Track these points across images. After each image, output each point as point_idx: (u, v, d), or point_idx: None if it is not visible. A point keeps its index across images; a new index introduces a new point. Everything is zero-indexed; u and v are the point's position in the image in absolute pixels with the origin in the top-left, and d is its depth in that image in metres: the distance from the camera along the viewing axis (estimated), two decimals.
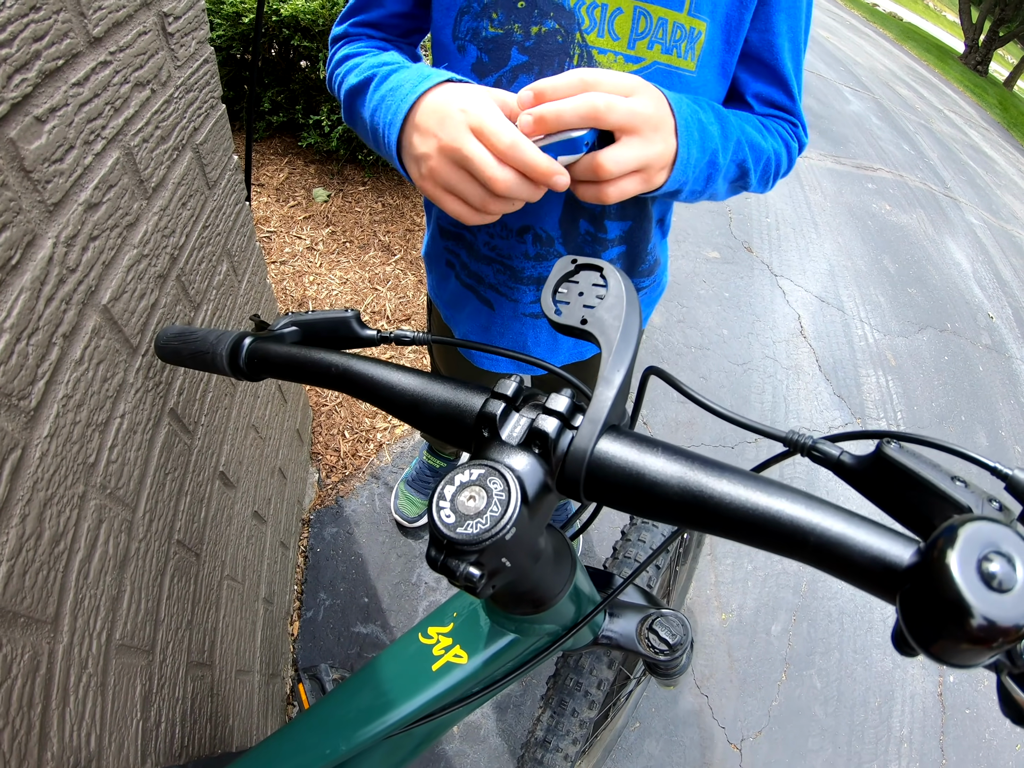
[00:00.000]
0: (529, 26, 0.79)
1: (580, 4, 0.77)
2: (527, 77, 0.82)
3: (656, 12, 0.77)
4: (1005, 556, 0.28)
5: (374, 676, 0.67)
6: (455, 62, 0.85)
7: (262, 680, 1.43)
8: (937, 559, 0.29)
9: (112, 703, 0.76)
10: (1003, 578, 0.27)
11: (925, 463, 0.38)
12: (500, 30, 0.80)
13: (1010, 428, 3.42)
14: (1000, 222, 6.15)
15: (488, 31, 0.80)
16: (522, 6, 0.78)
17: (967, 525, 0.29)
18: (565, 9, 0.77)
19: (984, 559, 0.28)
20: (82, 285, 0.67)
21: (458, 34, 0.82)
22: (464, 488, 0.38)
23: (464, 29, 0.82)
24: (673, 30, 0.78)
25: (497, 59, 0.82)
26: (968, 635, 0.27)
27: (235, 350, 0.60)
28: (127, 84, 0.75)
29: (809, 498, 0.36)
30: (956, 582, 0.27)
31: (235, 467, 1.22)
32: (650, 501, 0.38)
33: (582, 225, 0.93)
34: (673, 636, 0.76)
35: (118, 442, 0.77)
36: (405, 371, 0.51)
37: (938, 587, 0.28)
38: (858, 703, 2.05)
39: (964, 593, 0.27)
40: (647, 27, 0.78)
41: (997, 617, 0.27)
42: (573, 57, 0.80)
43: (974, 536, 0.29)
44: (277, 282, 2.43)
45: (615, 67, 0.80)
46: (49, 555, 0.64)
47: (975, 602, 0.27)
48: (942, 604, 0.28)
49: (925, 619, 0.29)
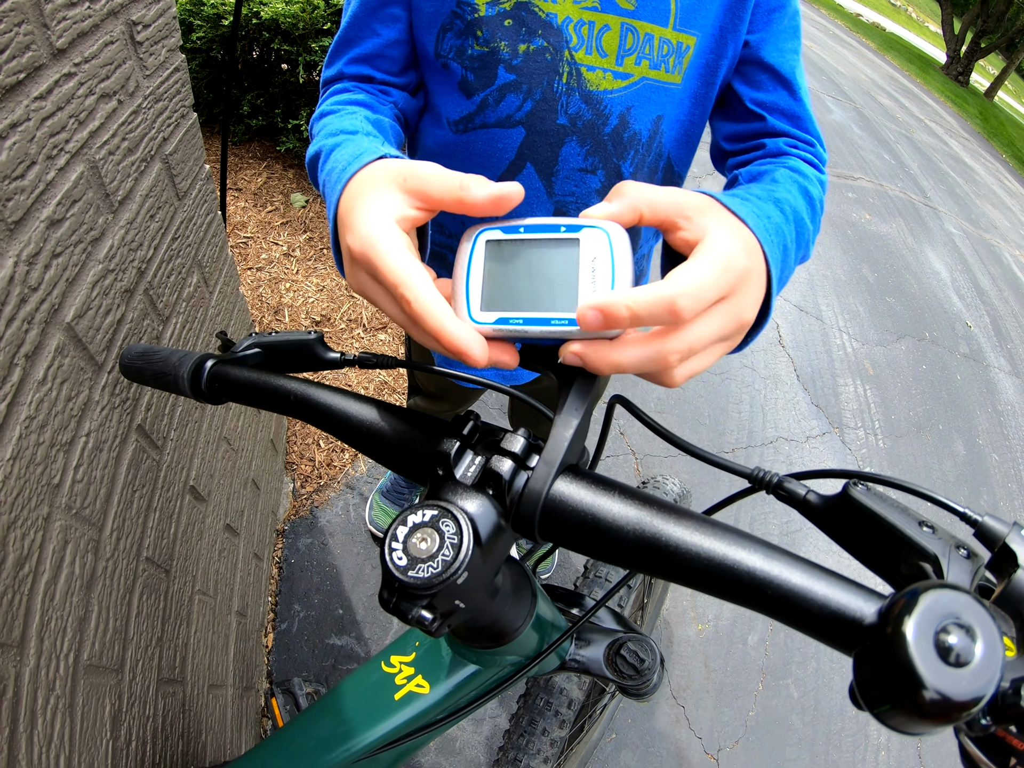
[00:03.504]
0: (516, 44, 0.78)
1: (568, 22, 0.76)
2: (515, 96, 0.81)
3: (643, 28, 0.77)
4: (965, 628, 0.27)
5: (336, 704, 0.66)
6: (441, 80, 0.85)
7: (236, 694, 1.41)
8: (894, 625, 0.28)
9: (81, 724, 0.74)
10: (960, 651, 0.26)
11: (892, 507, 0.38)
12: (486, 48, 0.79)
13: (987, 436, 3.45)
14: (979, 231, 6.23)
15: (473, 49, 0.79)
16: (509, 24, 0.77)
17: (929, 592, 0.28)
18: (553, 27, 0.76)
19: (942, 630, 0.27)
20: (45, 304, 0.66)
21: (440, 51, 0.81)
22: (416, 529, 0.38)
23: (447, 46, 0.81)
24: (660, 45, 0.78)
25: (483, 77, 0.81)
26: (919, 709, 0.26)
27: (197, 373, 0.59)
28: (92, 96, 0.73)
29: (769, 548, 0.35)
30: (910, 653, 0.27)
31: (206, 481, 1.21)
32: (605, 545, 0.38)
33: None
34: (641, 661, 0.76)
35: (84, 461, 0.76)
36: (364, 401, 0.50)
37: (892, 654, 0.28)
38: (835, 712, 2.06)
39: (917, 665, 0.26)
40: (634, 43, 0.78)
41: (951, 692, 0.26)
42: (562, 75, 0.79)
43: (934, 605, 0.28)
44: (253, 289, 2.41)
45: (604, 84, 0.80)
46: (14, 579, 0.63)
47: (928, 676, 0.26)
48: (895, 672, 0.27)
49: (877, 684, 0.29)
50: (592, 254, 0.43)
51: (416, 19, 0.81)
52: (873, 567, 0.39)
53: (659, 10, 0.76)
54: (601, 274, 0.42)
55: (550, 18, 0.76)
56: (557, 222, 0.45)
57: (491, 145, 0.86)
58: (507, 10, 0.76)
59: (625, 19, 0.76)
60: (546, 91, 0.81)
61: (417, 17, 0.81)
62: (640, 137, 0.86)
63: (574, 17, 0.76)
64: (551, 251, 0.44)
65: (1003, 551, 0.36)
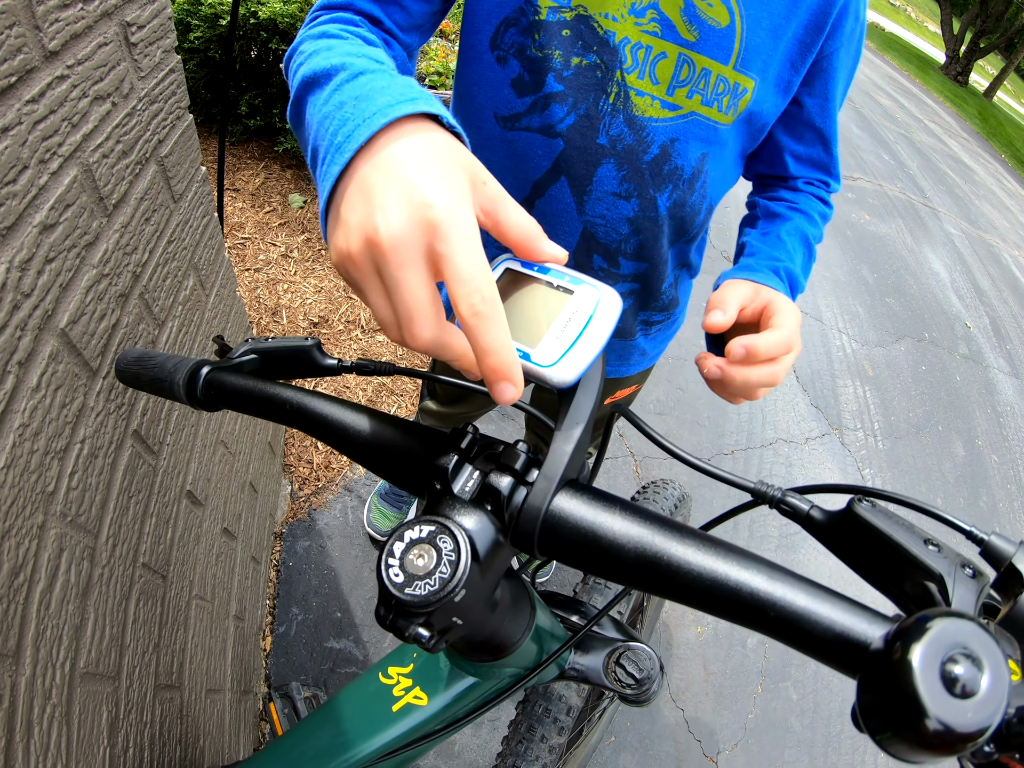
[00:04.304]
0: (570, 56, 0.76)
1: (625, 43, 0.74)
2: (559, 107, 0.80)
3: (700, 62, 0.75)
4: (972, 658, 0.27)
5: (334, 715, 0.66)
6: (491, 72, 0.82)
7: (233, 698, 1.40)
8: (900, 652, 0.28)
9: (78, 732, 0.74)
10: (966, 682, 0.26)
11: (897, 524, 0.37)
12: (540, 53, 0.77)
13: (986, 437, 3.45)
14: (978, 232, 6.23)
15: (532, 50, 0.77)
16: (566, 34, 0.75)
17: (937, 621, 0.28)
18: (609, 45, 0.75)
19: (949, 660, 0.26)
20: (38, 310, 0.65)
21: (500, 43, 0.79)
22: (413, 546, 0.37)
23: (509, 41, 0.78)
24: (716, 82, 0.77)
25: (535, 82, 0.79)
26: (922, 739, 0.26)
27: (192, 379, 0.58)
28: (86, 98, 0.72)
29: (772, 568, 0.35)
30: (915, 682, 0.26)
31: (203, 485, 1.20)
32: (605, 562, 0.37)
33: (596, 260, 0.92)
34: (640, 671, 0.75)
35: (79, 468, 0.75)
36: (361, 411, 0.49)
37: (897, 682, 0.27)
38: (834, 714, 2.05)
39: (922, 695, 0.26)
40: (689, 76, 0.76)
41: (955, 724, 0.25)
42: (609, 95, 0.78)
43: (942, 634, 0.27)
44: (251, 290, 2.40)
45: (650, 111, 0.78)
46: (8, 588, 0.62)
47: (932, 706, 0.26)
48: (899, 700, 0.27)
49: (880, 710, 0.28)
50: (575, 308, 0.42)
51: (477, 5, 0.78)
52: (877, 585, 0.39)
53: (721, 47, 0.74)
54: (572, 328, 0.41)
55: (608, 36, 0.74)
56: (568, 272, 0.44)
57: (531, 149, 0.85)
58: (567, 20, 0.75)
59: (684, 49, 0.74)
60: (591, 108, 0.79)
61: (479, 3, 0.78)
62: (682, 172, 0.85)
63: (632, 39, 0.74)
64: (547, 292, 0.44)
65: (1009, 571, 0.35)
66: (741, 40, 0.74)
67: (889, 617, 0.32)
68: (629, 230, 0.89)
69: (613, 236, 0.89)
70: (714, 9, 0.72)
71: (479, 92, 0.85)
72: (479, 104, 0.86)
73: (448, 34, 2.93)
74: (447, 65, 2.58)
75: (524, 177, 0.87)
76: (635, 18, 0.73)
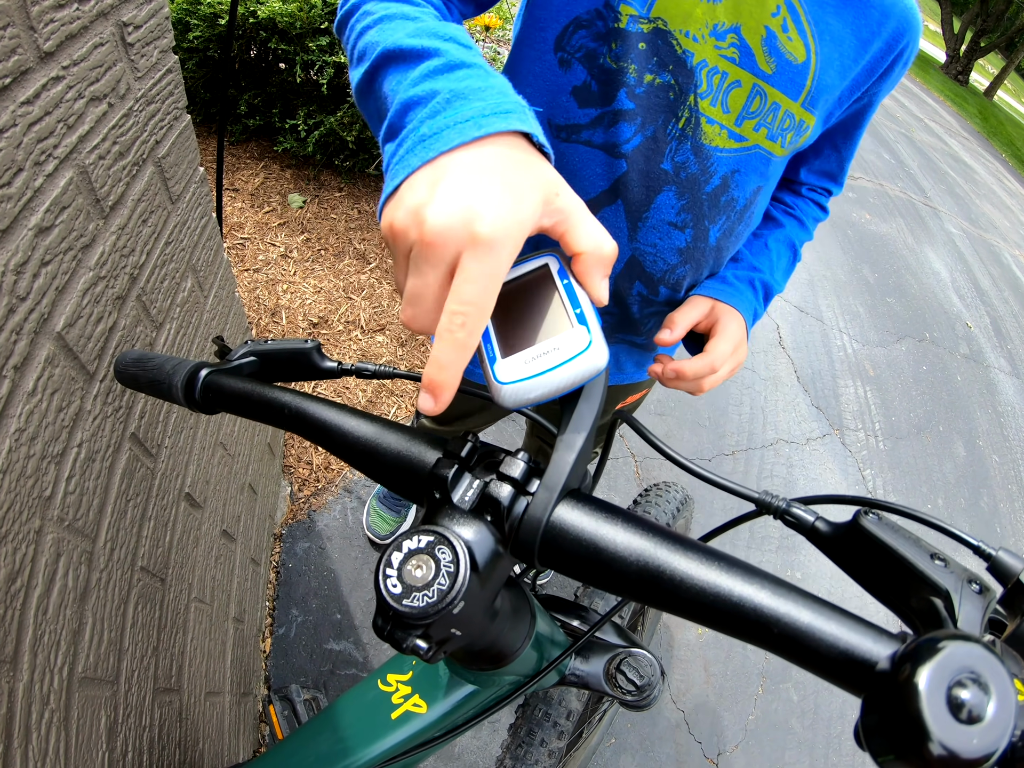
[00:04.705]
0: (644, 72, 0.72)
1: (703, 66, 0.71)
2: (628, 126, 0.75)
3: (772, 95, 0.73)
4: (979, 683, 0.26)
5: (333, 722, 0.65)
6: (549, 75, 0.76)
7: (233, 700, 1.40)
8: (906, 675, 0.27)
9: (76, 737, 0.74)
10: (973, 707, 0.26)
11: (904, 538, 0.37)
12: (614, 64, 0.72)
13: (987, 438, 3.45)
14: (979, 231, 6.23)
15: (605, 60, 0.72)
16: (643, 48, 0.70)
17: (946, 644, 0.27)
18: (686, 67, 0.71)
19: (956, 684, 0.26)
20: (33, 313, 0.65)
21: (567, 45, 0.73)
22: (412, 556, 0.36)
23: (577, 43, 0.73)
24: (784, 117, 0.75)
25: (604, 95, 0.74)
26: (925, 764, 0.25)
27: (191, 382, 0.58)
28: (82, 99, 0.72)
29: (777, 584, 0.34)
30: (921, 706, 0.26)
31: (202, 487, 1.20)
32: (607, 575, 0.37)
33: (636, 286, 0.90)
34: (641, 677, 0.75)
35: (76, 472, 0.75)
36: (361, 417, 0.49)
37: (902, 705, 0.27)
38: (835, 716, 2.05)
39: (927, 720, 0.25)
40: (759, 108, 0.74)
41: (960, 750, 0.25)
42: (680, 119, 0.74)
43: (950, 658, 0.27)
44: (250, 291, 2.40)
45: (717, 140, 0.76)
46: (5, 593, 0.62)
47: (937, 731, 0.25)
48: (903, 723, 0.26)
49: (884, 732, 0.28)
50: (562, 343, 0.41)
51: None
52: (882, 599, 0.39)
53: (795, 82, 0.73)
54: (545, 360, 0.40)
55: (686, 56, 0.70)
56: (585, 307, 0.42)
57: (589, 166, 0.80)
58: (644, 32, 0.70)
59: (759, 80, 0.72)
60: (658, 130, 0.75)
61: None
62: (736, 204, 0.83)
63: (710, 62, 0.71)
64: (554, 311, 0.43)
65: (1017, 587, 0.35)
66: (813, 78, 0.73)
67: (894, 635, 0.32)
68: (677, 260, 0.87)
69: (660, 266, 0.87)
70: (793, 44, 0.70)
71: (532, 93, 0.79)
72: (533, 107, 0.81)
73: None
74: None
75: None
76: (715, 40, 0.70)
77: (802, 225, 0.99)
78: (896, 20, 0.73)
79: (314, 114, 2.65)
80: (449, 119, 0.42)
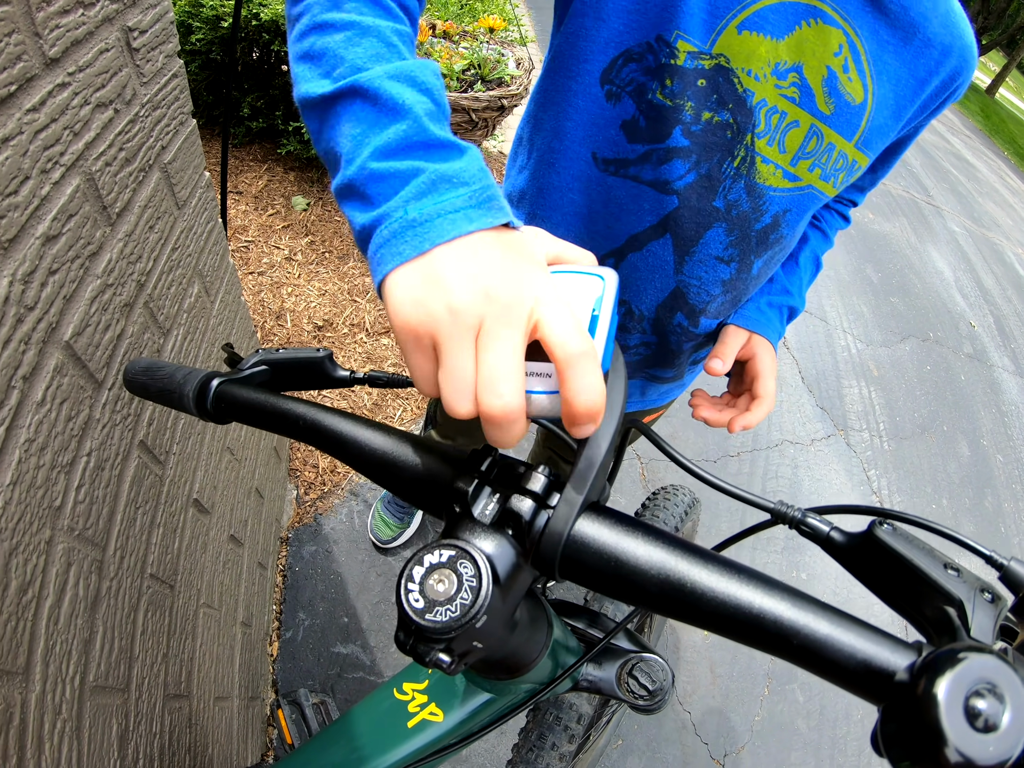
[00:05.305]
0: (702, 110, 0.70)
1: (762, 105, 0.70)
2: (681, 164, 0.74)
3: (828, 136, 0.72)
4: (996, 694, 0.27)
5: (349, 730, 0.65)
6: (596, 108, 0.75)
7: (241, 705, 1.40)
8: (925, 686, 0.28)
9: (88, 746, 0.74)
10: (989, 717, 0.27)
11: (918, 548, 0.37)
12: (669, 101, 0.70)
13: (991, 437, 3.44)
14: (982, 230, 6.22)
15: (656, 96, 0.70)
16: (702, 85, 0.69)
17: (964, 656, 0.28)
18: (746, 106, 0.70)
19: (974, 695, 0.27)
20: (42, 323, 0.64)
21: (615, 78, 0.72)
22: (433, 570, 0.36)
23: (627, 77, 0.71)
24: (837, 158, 0.75)
25: (655, 131, 0.73)
26: None
27: (202, 391, 0.57)
28: (88, 106, 0.71)
29: (796, 595, 0.35)
30: (939, 715, 0.27)
31: (209, 492, 1.19)
32: (628, 587, 0.36)
33: (678, 317, 0.89)
34: (653, 682, 0.75)
35: (85, 481, 0.74)
36: (377, 428, 0.48)
37: (920, 714, 0.27)
38: (840, 716, 2.05)
39: (944, 728, 0.26)
40: (815, 148, 0.73)
41: (976, 757, 0.26)
42: (735, 159, 0.73)
43: (968, 670, 0.28)
44: (255, 294, 2.40)
45: (771, 180, 0.75)
46: (17, 605, 0.62)
47: (954, 739, 0.26)
48: (921, 732, 0.27)
49: (902, 740, 0.29)
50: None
51: (591, 25, 0.70)
52: (896, 608, 0.39)
53: (851, 123, 0.72)
54: None
55: (747, 95, 0.69)
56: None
57: (637, 201, 0.78)
58: (705, 69, 0.68)
59: (817, 121, 0.71)
60: (713, 168, 0.74)
61: (595, 25, 0.70)
62: (784, 240, 0.84)
63: (770, 102, 0.70)
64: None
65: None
66: (868, 119, 0.72)
67: (910, 644, 0.33)
68: (720, 291, 0.87)
69: (703, 297, 0.86)
70: (853, 84, 0.69)
71: (575, 127, 0.77)
72: (573, 139, 0.78)
73: (452, 35, 2.90)
74: (451, 67, 2.56)
75: (620, 227, 0.82)
76: (776, 80, 0.69)
77: (825, 236, 1.00)
78: (956, 58, 0.72)
79: None
80: (438, 206, 0.40)
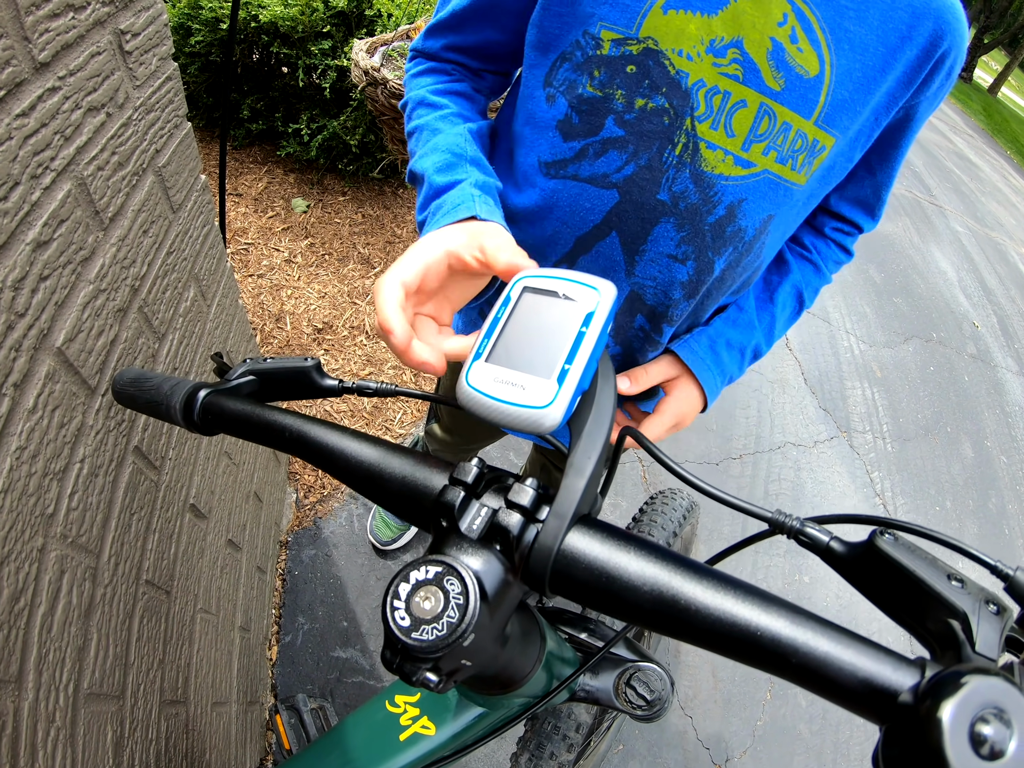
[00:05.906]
0: (634, 96, 0.68)
1: (700, 86, 0.66)
2: (617, 155, 0.71)
3: (782, 115, 0.67)
4: (1002, 719, 0.26)
5: (341, 742, 0.64)
6: (537, 111, 0.75)
7: (239, 710, 1.39)
8: (929, 709, 0.27)
9: (82, 754, 0.73)
10: (995, 743, 0.25)
11: (920, 558, 0.36)
12: (599, 92, 0.69)
13: (995, 438, 3.43)
14: (985, 229, 6.20)
15: (585, 89, 0.69)
16: (631, 71, 0.67)
17: (970, 679, 0.27)
18: (680, 88, 0.66)
19: (979, 720, 0.26)
20: (33, 329, 0.64)
21: (553, 81, 0.71)
22: (420, 588, 0.35)
23: (561, 78, 0.71)
24: (795, 138, 0.69)
25: (588, 124, 0.71)
26: None
27: (189, 403, 0.56)
28: (79, 110, 0.71)
29: (795, 612, 0.34)
30: (943, 741, 0.26)
31: (207, 497, 1.19)
32: (619, 603, 0.36)
33: (639, 320, 0.85)
34: (652, 692, 0.74)
35: (78, 488, 0.74)
36: (364, 440, 0.47)
37: (924, 738, 0.27)
38: (843, 721, 2.04)
39: (949, 756, 0.25)
40: (768, 129, 0.68)
41: None
42: (676, 146, 0.69)
43: (974, 693, 0.27)
44: (254, 296, 2.39)
45: (721, 167, 0.70)
46: (9, 614, 0.61)
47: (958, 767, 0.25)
48: (925, 757, 0.26)
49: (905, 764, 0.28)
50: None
51: (536, 38, 0.72)
52: (899, 620, 0.38)
53: (806, 99, 0.66)
54: None
55: (680, 77, 0.66)
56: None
57: (578, 201, 0.76)
58: (633, 54, 0.66)
59: (766, 99, 0.66)
60: (653, 158, 0.70)
61: (538, 36, 0.71)
62: (744, 235, 0.77)
63: (708, 82, 0.66)
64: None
65: None
66: (827, 93, 0.66)
67: (913, 661, 0.32)
68: (681, 295, 0.81)
69: (662, 299, 0.82)
70: (804, 55, 0.64)
71: (529, 134, 0.77)
72: (528, 147, 0.78)
73: None
74: None
75: (567, 231, 0.80)
76: (713, 58, 0.65)
77: (818, 271, 0.94)
78: (933, 21, 0.65)
79: (317, 118, 2.65)
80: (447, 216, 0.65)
